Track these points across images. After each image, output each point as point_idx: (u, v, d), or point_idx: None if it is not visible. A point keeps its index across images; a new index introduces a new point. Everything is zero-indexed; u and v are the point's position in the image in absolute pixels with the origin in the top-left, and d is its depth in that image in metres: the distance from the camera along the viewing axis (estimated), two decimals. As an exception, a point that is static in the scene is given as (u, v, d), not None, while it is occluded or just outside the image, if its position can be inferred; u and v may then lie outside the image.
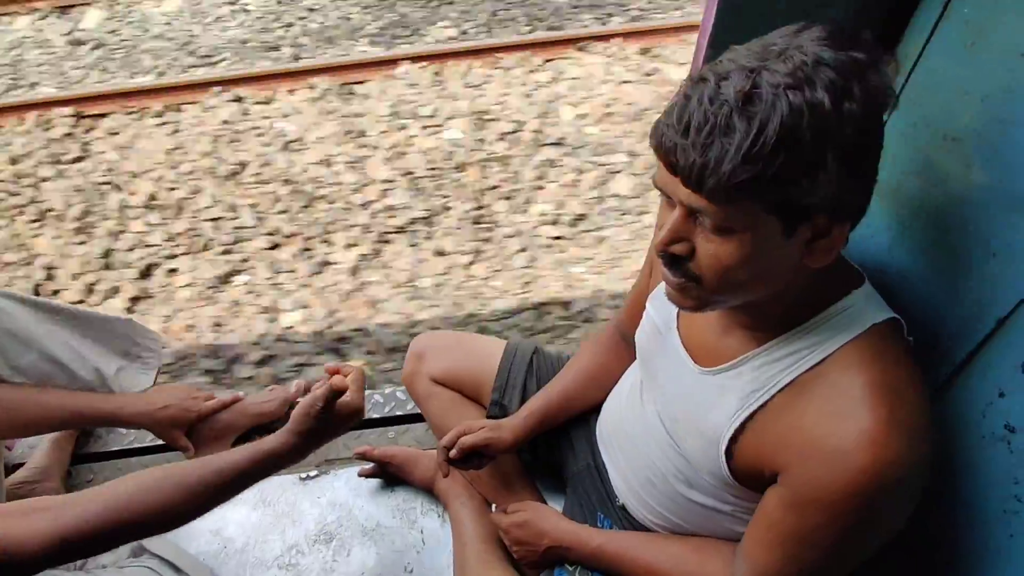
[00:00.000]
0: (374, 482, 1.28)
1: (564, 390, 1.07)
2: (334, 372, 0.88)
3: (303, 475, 1.30)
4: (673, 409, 0.81)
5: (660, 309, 0.85)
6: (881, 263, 0.81)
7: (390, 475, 1.27)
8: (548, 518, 0.99)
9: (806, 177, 0.54)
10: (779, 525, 0.68)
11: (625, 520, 0.98)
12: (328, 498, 1.27)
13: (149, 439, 1.37)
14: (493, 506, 1.13)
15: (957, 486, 0.73)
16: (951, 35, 0.69)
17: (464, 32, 3.48)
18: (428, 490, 1.24)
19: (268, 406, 1.35)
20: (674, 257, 0.62)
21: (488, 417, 1.14)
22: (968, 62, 0.66)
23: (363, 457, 1.25)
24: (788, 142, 0.53)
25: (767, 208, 0.56)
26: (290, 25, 3.63)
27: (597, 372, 1.06)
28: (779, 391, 0.68)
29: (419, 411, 1.29)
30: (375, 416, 1.40)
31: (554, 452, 1.14)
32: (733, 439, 0.71)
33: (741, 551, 0.75)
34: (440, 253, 2.38)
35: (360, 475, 1.27)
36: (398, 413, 1.40)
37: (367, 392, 1.44)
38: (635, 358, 0.94)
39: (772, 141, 0.52)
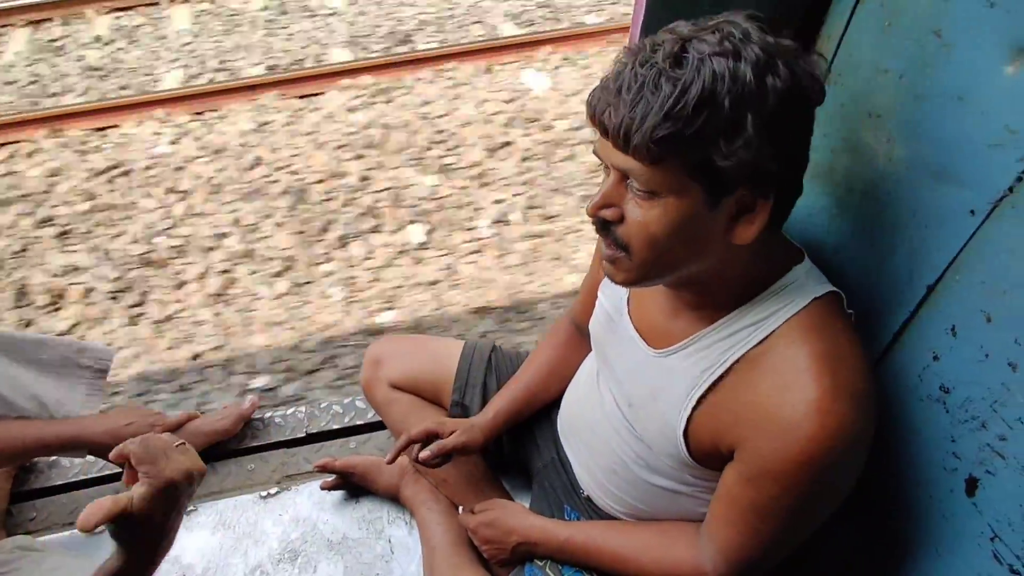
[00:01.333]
0: (337, 494, 1.25)
1: (527, 386, 1.07)
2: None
3: (263, 493, 1.26)
4: (629, 394, 0.82)
5: (611, 296, 0.86)
6: (821, 241, 0.84)
7: (354, 486, 1.24)
8: (515, 515, 0.98)
9: (724, 139, 0.57)
10: (738, 500, 0.70)
11: (592, 511, 0.98)
12: (291, 514, 1.24)
13: (96, 470, 1.30)
14: (460, 509, 1.12)
15: (901, 448, 0.76)
16: (869, 17, 0.72)
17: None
18: (393, 498, 1.22)
19: (222, 424, 1.31)
20: (605, 222, 0.65)
21: (450, 417, 1.13)
22: (885, 42, 0.69)
23: (324, 469, 1.22)
24: (709, 104, 0.56)
25: (690, 171, 0.59)
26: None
27: (557, 365, 1.07)
28: (730, 368, 0.69)
29: (380, 419, 1.27)
30: (335, 427, 1.37)
31: (519, 450, 1.14)
32: (689, 419, 0.72)
33: (705, 529, 0.77)
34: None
35: (322, 488, 1.24)
36: (358, 423, 1.37)
37: (325, 404, 1.41)
38: (591, 349, 0.95)
39: (694, 101, 0.55)
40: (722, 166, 0.58)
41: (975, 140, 0.60)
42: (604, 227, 0.66)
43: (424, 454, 0.97)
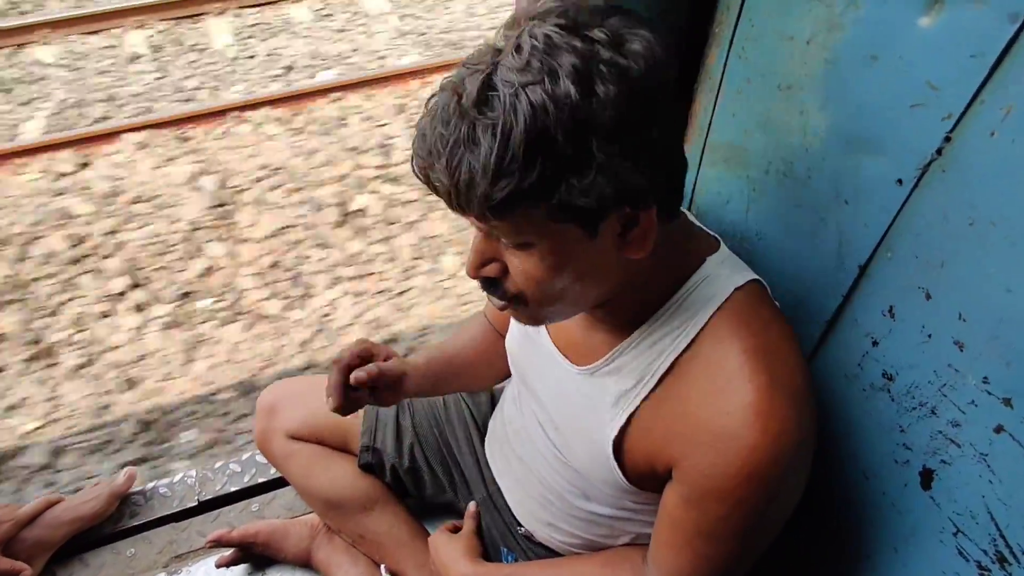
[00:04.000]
0: (239, 570, 1.08)
1: (460, 350, 0.92)
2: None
3: (146, 583, 1.06)
4: (554, 417, 0.74)
5: None
6: (741, 229, 0.78)
7: (257, 556, 1.07)
8: (452, 554, 0.88)
9: (574, 175, 0.48)
10: (682, 524, 0.63)
11: (531, 550, 0.90)
12: (183, 602, 1.05)
13: (-73, 583, 1.06)
14: (383, 568, 0.99)
15: (846, 444, 0.71)
16: (767, -18, 0.67)
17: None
18: (305, 564, 1.07)
19: (89, 507, 1.10)
20: (488, 280, 0.58)
21: (361, 466, 0.99)
22: (788, 6, 0.64)
23: (219, 543, 1.05)
24: (540, 143, 0.46)
25: (552, 216, 0.50)
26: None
27: (488, 346, 0.93)
28: (659, 380, 0.62)
29: (283, 474, 1.11)
30: (233, 489, 1.19)
31: (443, 491, 1.02)
32: (620, 440, 0.65)
33: (651, 557, 0.70)
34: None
35: (219, 565, 1.06)
36: (260, 480, 1.20)
37: (220, 464, 1.23)
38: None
39: (521, 147, 0.46)
40: (583, 204, 0.49)
41: (895, 102, 0.54)
42: (490, 285, 0.59)
43: (360, 375, 0.76)
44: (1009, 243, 0.49)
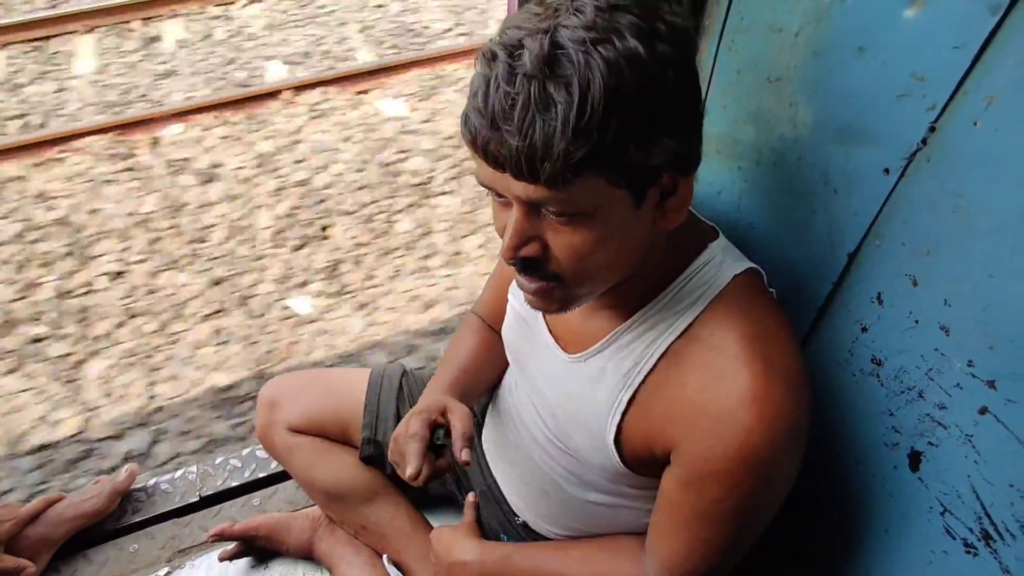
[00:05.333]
0: (242, 563, 1.09)
1: (471, 357, 0.90)
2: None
3: (150, 577, 1.08)
4: (551, 405, 0.74)
5: (521, 298, 0.77)
6: (733, 218, 0.79)
7: (260, 550, 1.08)
8: (454, 538, 0.89)
9: (644, 135, 0.49)
10: (680, 508, 0.64)
11: (530, 538, 0.91)
12: (187, 596, 1.07)
13: (-69, 582, 1.06)
14: (385, 558, 1.00)
15: (838, 427, 0.72)
16: (756, -26, 0.68)
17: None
18: (307, 557, 1.08)
19: (91, 504, 1.11)
20: (527, 261, 0.56)
21: (362, 459, 1.00)
22: (776, -2, 0.65)
23: (222, 537, 1.05)
24: (616, 103, 0.46)
25: (613, 180, 0.50)
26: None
27: (491, 343, 0.93)
28: (655, 364, 0.63)
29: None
30: (234, 484, 1.20)
31: (443, 483, 1.04)
32: (619, 426, 0.66)
33: (649, 541, 0.71)
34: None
35: (221, 559, 1.07)
36: (261, 475, 1.21)
37: (220, 459, 1.24)
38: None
39: (600, 106, 0.46)
40: (648, 164, 0.50)
41: (881, 93, 0.56)
42: (527, 266, 0.56)
43: (465, 457, 0.70)
44: (992, 230, 0.50)
